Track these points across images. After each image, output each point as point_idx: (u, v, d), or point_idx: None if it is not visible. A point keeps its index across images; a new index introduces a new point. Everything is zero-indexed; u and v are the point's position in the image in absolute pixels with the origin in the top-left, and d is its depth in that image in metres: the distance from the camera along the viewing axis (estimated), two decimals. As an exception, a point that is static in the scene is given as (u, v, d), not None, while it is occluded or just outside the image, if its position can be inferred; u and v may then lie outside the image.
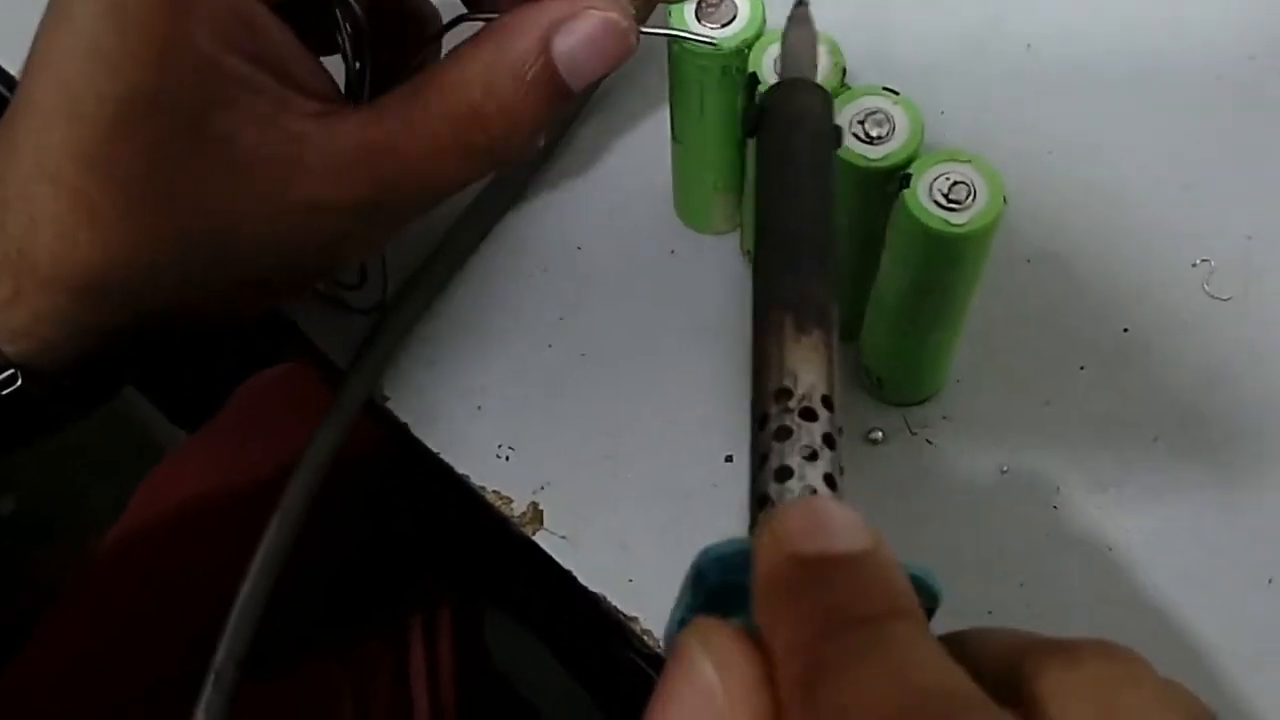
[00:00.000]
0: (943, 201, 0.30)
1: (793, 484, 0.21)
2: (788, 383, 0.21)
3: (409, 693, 0.59)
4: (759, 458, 0.21)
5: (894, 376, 0.37)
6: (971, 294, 0.33)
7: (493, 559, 0.67)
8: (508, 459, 0.38)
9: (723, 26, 0.33)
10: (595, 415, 0.38)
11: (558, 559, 0.37)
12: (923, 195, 0.30)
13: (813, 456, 0.21)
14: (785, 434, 0.21)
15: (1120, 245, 0.39)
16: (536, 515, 0.37)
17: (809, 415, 0.21)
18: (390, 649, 0.60)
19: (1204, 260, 0.39)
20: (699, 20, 0.33)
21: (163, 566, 0.59)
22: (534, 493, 0.38)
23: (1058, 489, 0.37)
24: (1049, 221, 0.39)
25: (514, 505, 0.38)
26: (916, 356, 0.36)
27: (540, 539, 0.37)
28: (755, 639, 0.19)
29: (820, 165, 0.25)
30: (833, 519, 0.19)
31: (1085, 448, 0.37)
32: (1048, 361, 0.38)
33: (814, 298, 0.23)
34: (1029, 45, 0.41)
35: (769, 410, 0.21)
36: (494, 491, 0.38)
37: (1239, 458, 0.36)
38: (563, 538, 0.37)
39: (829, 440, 0.21)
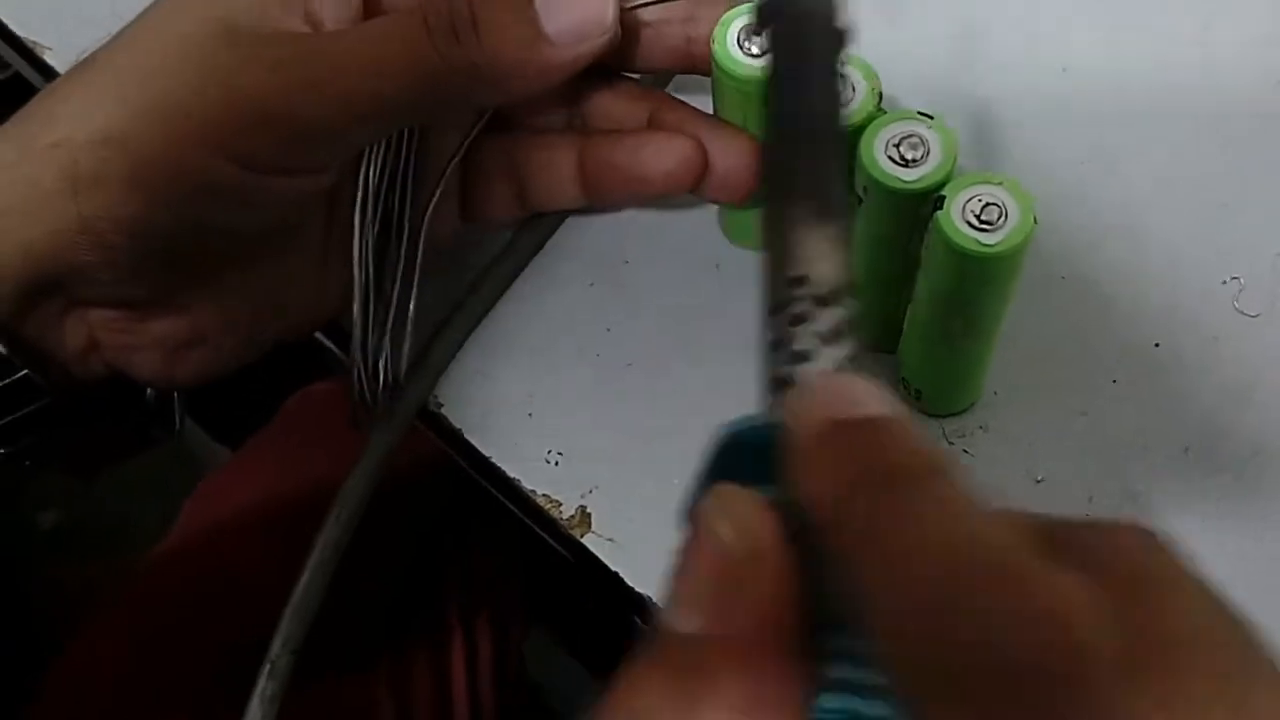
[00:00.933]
0: (975, 223, 0.31)
1: (812, 366, 0.21)
2: (805, 270, 0.21)
3: (450, 707, 0.60)
4: (773, 342, 0.21)
5: (931, 389, 0.38)
6: (1004, 310, 0.34)
7: (533, 576, 0.68)
8: (557, 464, 0.40)
9: (762, 54, 0.34)
10: (641, 422, 0.40)
11: (606, 561, 0.38)
12: (956, 217, 0.31)
13: (831, 340, 0.21)
14: (801, 319, 0.21)
15: (1152, 263, 0.40)
16: (585, 519, 0.39)
17: (826, 301, 0.21)
18: (431, 666, 0.61)
19: (1234, 278, 0.40)
20: (739, 45, 0.34)
21: (210, 580, 0.59)
22: (582, 496, 0.39)
23: (1090, 498, 0.38)
24: (1083, 239, 0.40)
25: (563, 509, 0.39)
26: (953, 370, 0.37)
27: (589, 541, 0.38)
28: (773, 507, 0.19)
29: (828, 63, 0.25)
30: (862, 388, 0.20)
31: (1117, 459, 0.38)
32: (1081, 375, 0.39)
33: (832, 189, 0.23)
34: (1064, 69, 0.43)
35: (786, 296, 0.21)
36: (544, 495, 0.39)
37: (1267, 470, 0.37)
38: (610, 540, 0.38)
39: (846, 326, 0.21)
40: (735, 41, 0.34)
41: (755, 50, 0.34)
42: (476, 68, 0.32)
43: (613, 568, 0.38)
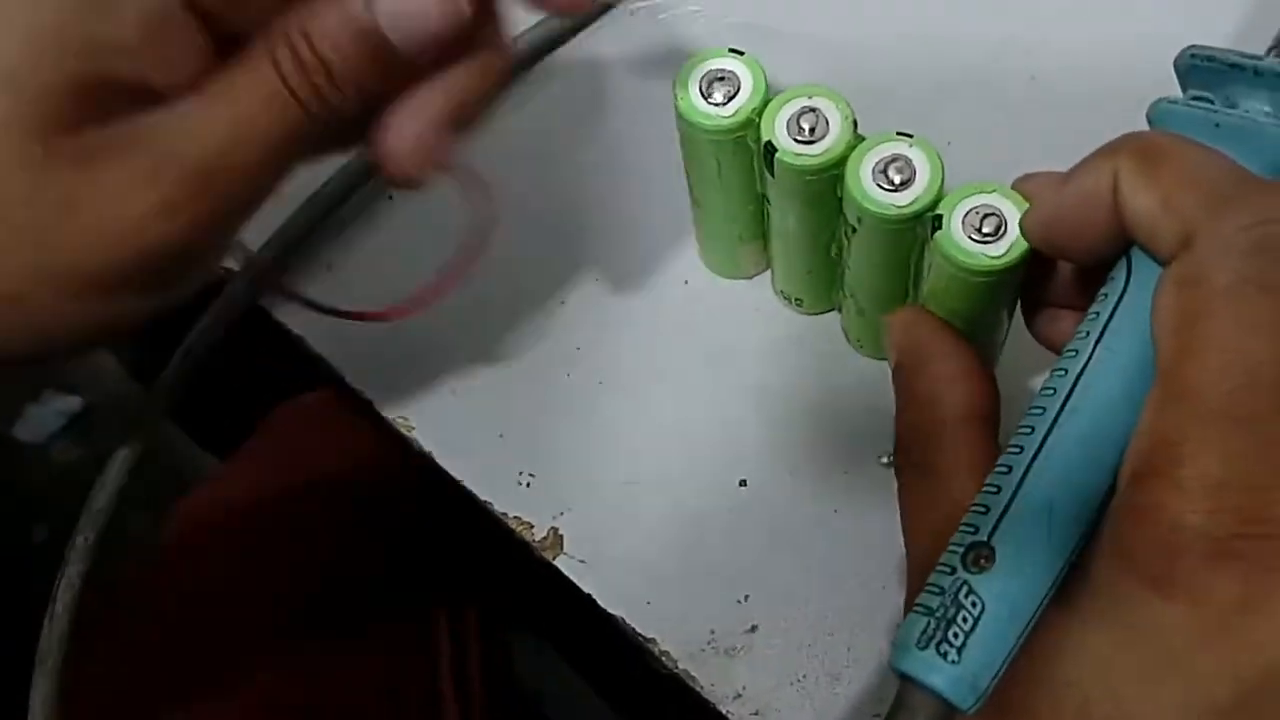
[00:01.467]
0: (976, 236, 0.30)
1: None
2: None
3: (440, 710, 0.60)
4: None
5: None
6: (1011, 318, 0.34)
7: (518, 580, 0.68)
8: (529, 485, 0.39)
9: (727, 101, 0.33)
10: (613, 442, 0.40)
11: (578, 583, 0.38)
12: (957, 234, 0.30)
13: None
14: None
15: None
16: (557, 540, 0.39)
17: None
18: (420, 668, 0.61)
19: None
20: (704, 96, 0.33)
21: (199, 589, 0.60)
22: (554, 518, 0.39)
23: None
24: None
25: (535, 531, 0.39)
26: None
27: (560, 563, 0.38)
28: None
29: None
30: None
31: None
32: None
33: None
34: (1032, 77, 0.42)
35: None
36: (515, 517, 0.39)
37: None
38: (582, 562, 0.38)
39: None
40: (699, 92, 0.33)
41: (719, 98, 0.33)
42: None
43: (585, 589, 0.38)
